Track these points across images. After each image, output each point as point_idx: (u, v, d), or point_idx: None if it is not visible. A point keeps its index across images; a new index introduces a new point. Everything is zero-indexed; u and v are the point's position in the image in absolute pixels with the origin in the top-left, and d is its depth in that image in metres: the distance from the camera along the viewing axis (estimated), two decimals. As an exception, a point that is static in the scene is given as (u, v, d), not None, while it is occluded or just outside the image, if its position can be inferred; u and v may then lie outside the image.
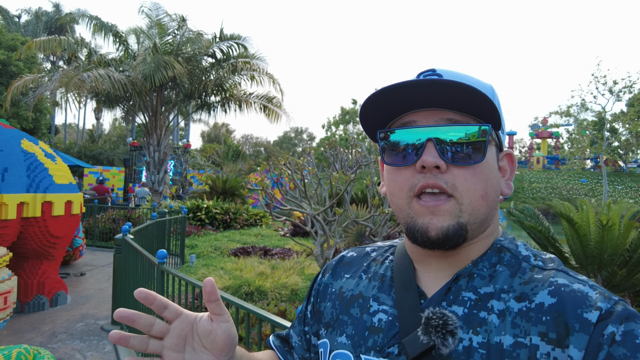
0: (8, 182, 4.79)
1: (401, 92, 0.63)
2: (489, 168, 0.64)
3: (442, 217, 0.61)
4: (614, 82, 26.19)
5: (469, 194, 0.61)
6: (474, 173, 0.62)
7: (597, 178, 35.43)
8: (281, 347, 0.87)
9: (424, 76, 0.66)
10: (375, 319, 0.69)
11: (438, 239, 0.61)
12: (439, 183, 0.61)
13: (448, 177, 0.61)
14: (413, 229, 0.63)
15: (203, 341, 0.61)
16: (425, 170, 0.62)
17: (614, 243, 4.56)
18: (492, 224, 0.67)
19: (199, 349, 0.61)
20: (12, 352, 2.79)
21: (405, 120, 0.67)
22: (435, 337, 0.58)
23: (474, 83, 0.66)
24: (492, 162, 0.66)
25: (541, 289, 0.58)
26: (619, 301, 0.55)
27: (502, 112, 0.70)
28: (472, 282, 0.63)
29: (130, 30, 14.88)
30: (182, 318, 0.61)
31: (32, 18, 34.08)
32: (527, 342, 0.55)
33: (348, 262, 0.82)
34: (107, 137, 42.85)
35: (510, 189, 0.70)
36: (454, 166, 0.62)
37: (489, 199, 0.63)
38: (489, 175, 0.64)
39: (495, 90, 0.71)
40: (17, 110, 17.74)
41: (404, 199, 0.64)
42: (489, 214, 0.65)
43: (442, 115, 0.64)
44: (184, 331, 0.61)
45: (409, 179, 0.64)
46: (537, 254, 0.66)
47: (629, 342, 0.50)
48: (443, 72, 0.67)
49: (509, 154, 0.72)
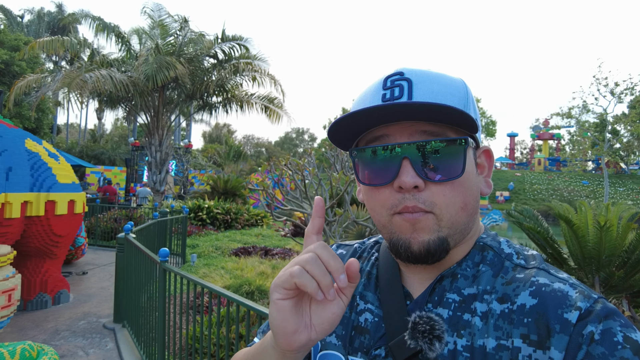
0: (12, 181, 4.84)
1: (370, 115, 0.60)
2: (469, 178, 0.63)
3: (422, 231, 0.60)
4: (616, 83, 26.20)
5: (448, 209, 0.60)
6: (453, 187, 0.60)
7: (598, 180, 35.40)
8: None
9: (392, 82, 0.63)
10: (362, 319, 0.69)
11: (420, 253, 0.60)
12: (418, 205, 0.59)
13: (426, 196, 0.60)
14: (397, 244, 0.62)
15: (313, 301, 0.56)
16: (403, 191, 0.60)
17: (612, 244, 4.58)
18: (474, 224, 0.67)
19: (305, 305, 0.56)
20: (16, 349, 2.83)
21: (377, 134, 0.63)
22: (422, 342, 0.58)
23: (445, 84, 0.62)
24: (471, 168, 0.64)
25: (522, 290, 0.58)
26: (598, 299, 0.55)
27: (476, 108, 0.67)
28: (456, 283, 0.63)
29: (132, 30, 14.95)
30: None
31: (35, 18, 34.19)
32: (509, 345, 0.55)
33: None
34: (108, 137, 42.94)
35: (489, 187, 0.69)
36: (432, 183, 0.60)
37: (468, 209, 0.63)
38: (468, 186, 0.62)
39: (466, 83, 0.66)
40: (19, 110, 17.82)
41: (385, 216, 0.63)
42: (469, 222, 0.64)
43: (416, 127, 0.61)
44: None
45: (388, 198, 0.62)
46: (519, 252, 0.65)
47: (607, 341, 0.51)
48: (412, 74, 0.63)
49: (486, 151, 0.70)
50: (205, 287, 2.64)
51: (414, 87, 0.61)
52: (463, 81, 0.66)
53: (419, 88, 0.61)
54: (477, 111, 0.68)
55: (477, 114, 0.67)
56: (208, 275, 6.25)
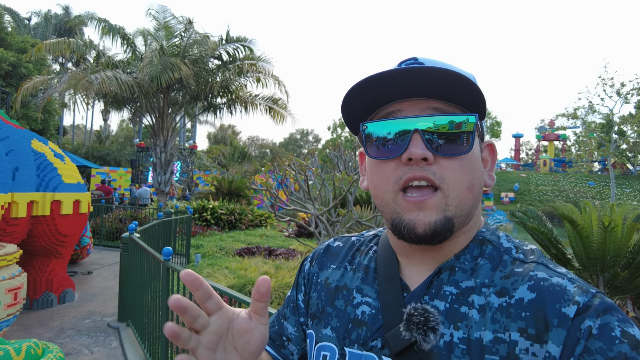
0: (19, 181, 4.90)
1: (384, 83, 0.61)
2: (475, 159, 0.63)
3: (429, 211, 0.60)
4: (622, 84, 25.99)
5: (456, 186, 0.60)
6: (462, 164, 0.61)
7: (604, 181, 35.14)
8: (271, 342, 0.82)
9: (406, 64, 0.64)
10: (359, 312, 0.69)
11: (426, 234, 0.60)
12: (427, 175, 0.59)
13: (436, 169, 0.60)
14: (399, 225, 0.61)
15: (236, 341, 0.56)
16: (411, 163, 0.60)
17: (617, 245, 4.55)
18: (475, 215, 0.67)
19: (230, 350, 0.56)
20: (22, 346, 2.86)
21: (389, 110, 0.64)
22: (416, 333, 0.58)
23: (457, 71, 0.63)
24: (478, 152, 0.65)
25: (521, 284, 0.58)
26: (596, 294, 0.55)
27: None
28: (454, 276, 0.63)
29: (137, 31, 15.05)
30: (222, 312, 0.56)
31: (42, 20, 34.51)
32: (507, 338, 0.55)
33: (335, 253, 0.81)
34: (114, 138, 43.23)
35: (492, 180, 0.69)
36: (442, 157, 0.60)
37: (474, 191, 0.62)
38: (475, 167, 0.63)
39: (477, 80, 0.67)
40: (26, 112, 17.97)
41: (390, 192, 0.62)
42: (474, 206, 0.64)
43: (427, 104, 0.62)
44: (222, 327, 0.56)
45: (394, 171, 0.62)
46: (518, 246, 0.65)
47: (605, 335, 0.51)
48: (425, 60, 0.65)
49: (490, 145, 0.71)
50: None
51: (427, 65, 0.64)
52: (473, 75, 0.68)
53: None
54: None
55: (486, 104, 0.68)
56: (212, 275, 6.27)
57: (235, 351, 0.56)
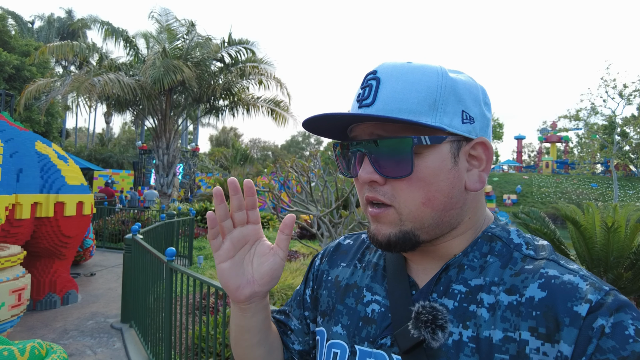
0: (23, 183, 4.92)
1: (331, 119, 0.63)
2: (430, 174, 0.60)
3: (384, 225, 0.63)
4: (624, 85, 25.99)
5: (407, 204, 0.61)
6: (410, 183, 0.60)
7: (607, 183, 35.01)
8: (278, 327, 0.86)
9: (366, 81, 0.63)
10: (369, 310, 0.70)
11: (384, 243, 0.63)
12: (377, 197, 0.62)
13: (387, 189, 0.62)
14: (368, 233, 0.67)
15: (254, 259, 0.70)
16: (365, 184, 0.64)
17: (620, 246, 4.54)
18: (464, 219, 0.65)
19: (247, 261, 0.70)
20: (26, 347, 2.87)
21: (352, 133, 0.67)
22: (424, 331, 0.58)
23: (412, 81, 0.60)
24: (438, 164, 0.60)
25: (531, 282, 0.57)
26: (609, 291, 0.54)
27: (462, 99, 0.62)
28: (463, 274, 0.63)
29: (139, 34, 15.12)
30: (257, 227, 0.71)
31: (45, 24, 34.71)
32: (517, 337, 0.54)
33: (344, 251, 0.83)
34: (116, 140, 43.35)
35: (481, 183, 0.63)
36: (390, 179, 0.62)
37: (434, 204, 0.61)
38: (430, 181, 0.60)
39: (447, 75, 0.61)
40: (29, 114, 18.06)
41: (363, 205, 0.67)
42: (442, 217, 0.62)
43: (372, 129, 0.63)
44: (249, 237, 0.70)
45: (360, 188, 0.67)
46: (529, 242, 0.64)
47: (618, 334, 0.50)
48: (382, 73, 0.62)
49: (481, 142, 0.63)
50: (211, 285, 2.66)
51: (380, 87, 0.61)
52: (439, 73, 0.61)
53: (384, 88, 0.60)
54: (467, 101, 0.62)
55: (465, 104, 0.62)
56: (215, 277, 6.28)
57: (250, 266, 0.70)
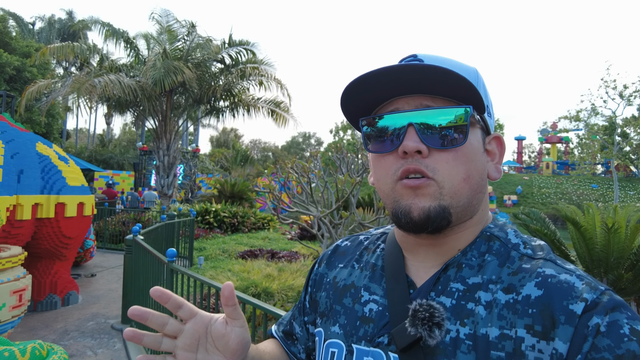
0: (23, 184, 4.93)
1: (381, 80, 0.63)
2: (472, 151, 0.64)
3: (424, 197, 0.61)
4: (625, 86, 25.93)
5: (450, 178, 0.61)
6: (456, 156, 0.62)
7: (608, 183, 34.97)
8: (284, 338, 0.88)
9: (406, 62, 0.66)
10: (367, 309, 0.70)
11: (420, 219, 0.61)
12: (420, 167, 0.61)
13: (429, 162, 0.61)
14: (397, 211, 0.63)
15: (216, 343, 0.62)
16: (407, 156, 0.62)
17: (621, 246, 4.54)
18: (479, 210, 0.67)
19: (212, 350, 0.62)
20: (26, 347, 2.88)
21: (387, 108, 0.67)
22: (421, 329, 0.58)
23: (455, 67, 0.65)
24: (477, 144, 0.65)
25: (528, 280, 0.58)
26: (605, 291, 0.55)
27: (489, 95, 0.70)
28: (461, 273, 0.63)
29: (140, 35, 15.14)
30: (197, 319, 0.62)
31: (46, 25, 34.73)
32: (513, 335, 0.55)
33: (342, 252, 0.84)
34: (117, 141, 43.38)
35: (499, 173, 0.69)
36: (436, 150, 0.61)
37: (472, 182, 0.63)
38: (471, 158, 0.63)
39: (479, 72, 0.69)
40: (30, 115, 18.07)
41: (389, 184, 0.65)
42: (474, 198, 0.64)
43: (421, 100, 0.63)
44: (198, 332, 0.62)
45: (392, 164, 0.64)
46: (526, 242, 0.65)
47: (613, 333, 0.50)
48: (425, 57, 0.66)
49: (497, 137, 0.70)
50: (212, 286, 2.67)
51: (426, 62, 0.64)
52: (475, 69, 0.68)
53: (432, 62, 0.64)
54: (489, 98, 0.69)
55: (488, 99, 0.68)
56: (215, 278, 6.28)
57: (218, 351, 0.62)
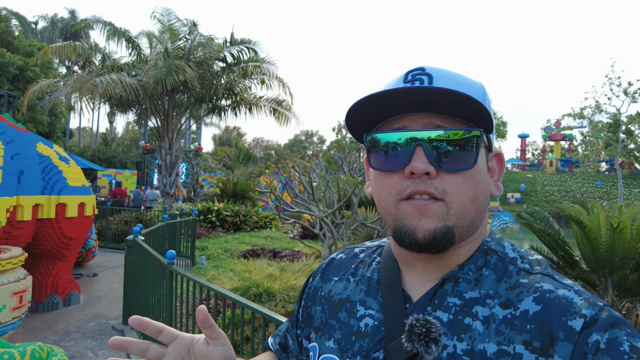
0: (24, 185, 4.92)
1: (386, 101, 0.61)
2: (480, 172, 0.63)
3: (430, 218, 0.60)
4: (629, 83, 25.73)
5: (458, 199, 0.60)
6: (465, 178, 0.61)
7: (612, 181, 34.81)
8: (280, 351, 0.88)
9: (412, 76, 0.64)
10: (362, 324, 0.69)
11: (425, 240, 0.60)
12: (429, 189, 0.59)
13: (438, 183, 0.60)
14: (401, 230, 0.62)
15: None
16: (414, 177, 0.60)
17: (626, 247, 4.48)
18: (480, 227, 0.66)
19: None
20: (26, 349, 2.86)
21: (394, 125, 0.64)
22: (418, 344, 0.57)
23: (464, 83, 0.64)
24: (483, 165, 0.64)
25: (526, 295, 0.58)
26: (604, 307, 0.55)
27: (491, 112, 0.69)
28: (458, 287, 0.62)
29: (142, 34, 15.14)
30: (178, 341, 0.65)
31: (49, 24, 34.82)
32: (511, 351, 0.54)
33: (337, 265, 0.82)
34: (120, 140, 43.48)
35: (499, 191, 0.69)
36: (444, 172, 0.60)
37: (478, 203, 0.63)
38: (479, 180, 0.63)
39: (485, 88, 0.68)
40: (33, 115, 18.14)
41: (392, 202, 0.63)
42: (477, 218, 0.64)
43: (430, 119, 0.62)
44: (181, 354, 0.65)
45: (397, 183, 0.62)
46: (524, 256, 0.65)
47: (613, 350, 0.50)
48: (432, 71, 0.64)
49: (497, 155, 0.70)
50: (210, 289, 2.64)
51: (434, 82, 0.63)
52: (482, 84, 0.68)
53: (438, 83, 0.62)
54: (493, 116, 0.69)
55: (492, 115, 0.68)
56: (217, 278, 6.26)
57: None
